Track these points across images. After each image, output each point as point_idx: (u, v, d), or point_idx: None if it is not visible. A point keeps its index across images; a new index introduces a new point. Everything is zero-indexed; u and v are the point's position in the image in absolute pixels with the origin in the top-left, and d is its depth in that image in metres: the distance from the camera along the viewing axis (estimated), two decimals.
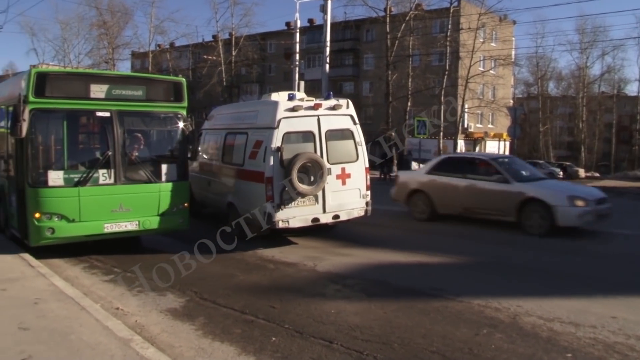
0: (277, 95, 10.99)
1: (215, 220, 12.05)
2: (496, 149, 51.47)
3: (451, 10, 39.81)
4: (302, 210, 10.22)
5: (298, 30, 35.46)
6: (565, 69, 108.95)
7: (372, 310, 6.62)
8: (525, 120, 63.59)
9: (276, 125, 10.05)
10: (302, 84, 30.35)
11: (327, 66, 32.36)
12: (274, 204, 9.94)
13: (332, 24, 33.85)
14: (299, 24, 35.61)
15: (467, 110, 43.04)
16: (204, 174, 13.07)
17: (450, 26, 39.95)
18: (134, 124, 9.84)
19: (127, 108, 9.52)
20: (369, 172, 11.22)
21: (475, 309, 6.66)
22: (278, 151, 9.98)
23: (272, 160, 9.98)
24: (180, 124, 10.08)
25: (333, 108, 10.67)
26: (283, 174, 9.89)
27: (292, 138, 10.22)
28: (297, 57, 34.62)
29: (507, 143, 49.73)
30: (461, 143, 46.76)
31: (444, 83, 39.70)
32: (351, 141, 10.82)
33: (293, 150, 10.04)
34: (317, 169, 10.02)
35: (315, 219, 10.34)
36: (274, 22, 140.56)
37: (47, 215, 8.72)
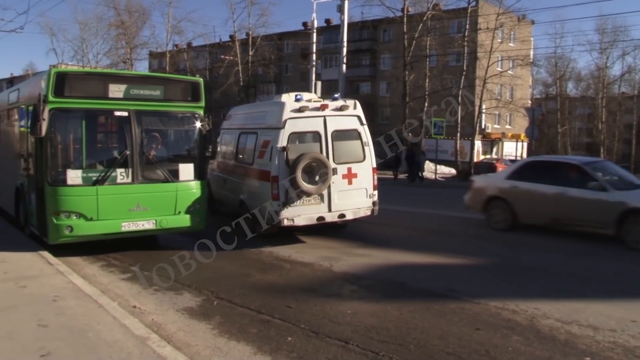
0: (287, 96, 11.10)
1: (233, 217, 12.11)
2: (514, 149, 51.07)
3: (469, 10, 39.55)
4: (308, 209, 10.38)
5: (315, 31, 35.47)
6: (585, 69, 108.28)
7: (388, 311, 6.59)
8: (543, 121, 62.78)
9: (282, 126, 10.27)
10: (318, 84, 30.42)
11: (344, 66, 32.34)
12: (279, 202, 10.16)
13: (349, 24, 33.82)
14: (316, 24, 35.62)
15: (484, 110, 42.73)
16: (221, 173, 13.33)
17: (467, 26, 39.67)
18: (152, 123, 9.91)
19: (145, 108, 9.59)
20: (377, 172, 11.25)
21: (492, 311, 6.61)
22: (284, 151, 10.19)
23: (278, 159, 10.19)
24: (198, 124, 10.13)
25: (340, 109, 10.78)
26: (289, 173, 10.06)
27: (298, 138, 10.47)
28: (314, 57, 34.63)
29: (525, 144, 49.34)
30: (478, 144, 46.46)
31: (462, 83, 39.46)
32: (358, 141, 10.91)
33: (299, 150, 10.25)
34: (321, 169, 10.17)
35: (321, 218, 10.48)
36: (291, 22, 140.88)
37: (65, 214, 8.81)
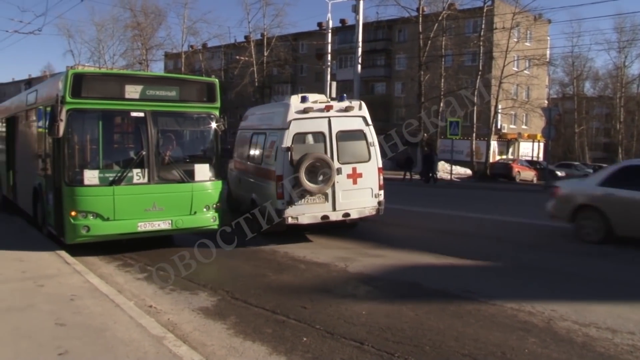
0: (295, 98, 11.24)
1: None
2: (530, 150, 50.70)
3: (485, 10, 39.34)
4: (312, 208, 10.62)
5: (330, 31, 35.50)
6: (602, 68, 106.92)
7: (403, 312, 6.56)
8: (560, 121, 62.25)
9: (287, 126, 10.57)
10: (333, 84, 30.49)
11: (359, 67, 32.38)
12: (283, 201, 10.43)
13: (364, 24, 33.82)
14: (330, 25, 35.66)
15: (500, 111, 42.46)
16: (237, 172, 13.62)
17: (483, 26, 39.46)
18: (168, 124, 9.96)
19: (161, 108, 9.65)
20: (382, 172, 11.38)
21: (509, 313, 6.55)
22: (288, 151, 10.45)
23: (282, 159, 10.49)
24: (213, 124, 10.17)
25: (345, 110, 10.99)
26: (293, 172, 10.30)
27: (302, 138, 10.78)
28: (329, 57, 34.67)
29: (542, 144, 48.96)
30: (494, 144, 46.16)
31: (477, 83, 39.25)
32: (363, 142, 11.08)
33: (303, 150, 10.53)
34: (325, 168, 10.38)
35: (325, 217, 10.69)
36: (306, 22, 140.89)
37: (82, 214, 8.88)
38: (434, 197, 22.39)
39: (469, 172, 41.05)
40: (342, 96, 11.55)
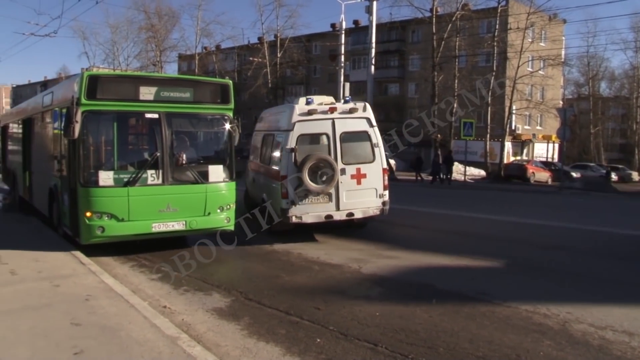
0: (302, 100, 11.47)
1: None
2: (544, 151, 50.31)
3: (499, 10, 39.17)
4: (316, 207, 10.84)
5: (343, 32, 35.52)
6: (619, 68, 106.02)
7: (417, 314, 6.54)
8: (575, 122, 61.85)
9: (291, 128, 10.85)
10: (347, 85, 30.45)
11: (373, 68, 32.33)
12: (288, 200, 10.70)
13: (377, 25, 33.80)
14: (344, 25, 35.68)
15: (515, 111, 42.20)
16: (252, 173, 13.86)
17: (497, 26, 39.29)
18: (182, 125, 10.00)
19: (175, 110, 9.70)
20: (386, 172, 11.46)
21: (523, 315, 6.51)
22: (292, 152, 10.72)
23: (287, 160, 10.77)
24: (227, 126, 10.20)
25: (349, 111, 11.17)
26: (297, 172, 10.61)
27: (306, 140, 10.97)
28: (342, 58, 34.68)
29: (557, 145, 48.58)
30: (508, 145, 45.87)
31: (491, 84, 39.05)
32: (367, 143, 11.21)
33: (307, 151, 10.75)
34: (328, 169, 10.59)
35: (329, 216, 10.89)
36: (319, 23, 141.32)
37: (97, 214, 8.94)
38: (448, 199, 22.28)
39: (482, 173, 40.85)
40: (347, 98, 11.77)
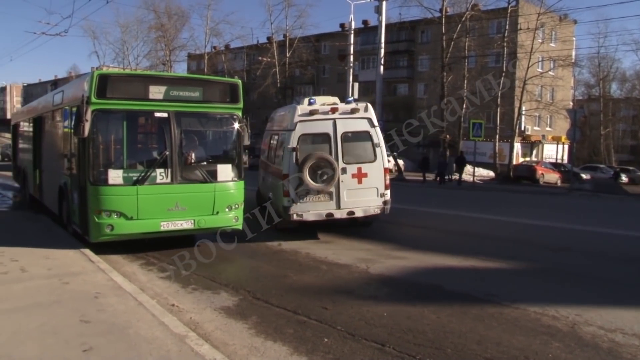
0: (306, 100, 11.73)
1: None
2: (554, 152, 50.07)
3: (509, 10, 38.96)
4: (317, 206, 11.04)
5: (352, 32, 35.50)
6: (630, 69, 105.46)
7: (425, 315, 6.53)
8: (585, 123, 61.50)
9: (293, 128, 11.09)
10: (356, 85, 30.46)
11: (382, 68, 32.29)
12: (289, 198, 10.93)
13: (386, 25, 33.76)
14: (353, 26, 35.65)
15: (524, 112, 42.00)
16: (262, 172, 14.11)
17: (507, 26, 39.09)
18: (191, 124, 10.03)
19: (185, 109, 9.72)
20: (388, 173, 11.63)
21: (532, 317, 6.48)
22: (294, 151, 10.95)
23: (289, 159, 11.02)
24: (236, 125, 10.22)
25: (350, 112, 11.34)
26: (298, 171, 10.82)
27: (307, 139, 11.18)
28: (351, 58, 34.66)
29: (566, 146, 48.34)
30: (518, 146, 45.67)
31: (501, 85, 38.88)
32: (368, 143, 11.35)
33: (308, 151, 10.97)
34: (328, 168, 10.79)
35: (330, 214, 11.06)
36: (328, 23, 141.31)
37: (106, 213, 8.98)
38: (456, 199, 22.23)
39: (491, 174, 40.71)
40: (349, 98, 11.92)
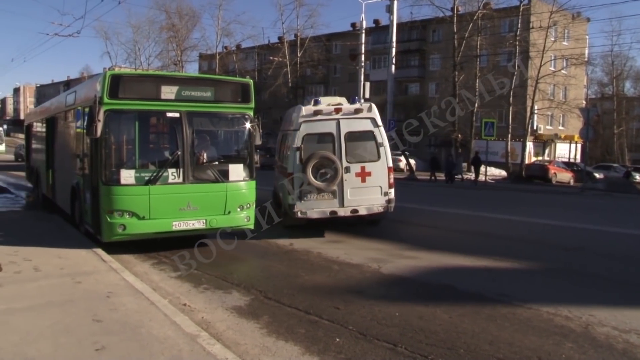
0: (313, 100, 12.00)
1: None
2: (567, 151, 49.73)
3: (521, 9, 38.79)
4: (321, 204, 11.33)
5: (364, 31, 35.43)
6: None
7: (437, 315, 6.50)
8: (598, 122, 61.14)
9: (298, 128, 11.41)
10: (367, 85, 30.43)
11: (393, 67, 32.18)
12: (293, 196, 11.28)
13: (398, 25, 33.65)
14: (364, 25, 35.59)
15: (536, 111, 41.75)
16: (276, 171, 14.38)
17: (520, 25, 38.90)
18: (203, 124, 10.05)
19: (196, 109, 9.74)
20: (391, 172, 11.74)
21: (544, 317, 6.43)
22: (298, 150, 11.29)
23: (293, 158, 11.34)
24: (247, 125, 10.23)
25: (354, 112, 11.57)
26: (302, 170, 11.17)
27: (312, 139, 11.46)
28: (363, 58, 34.58)
29: (579, 145, 47.99)
30: (530, 145, 45.41)
31: (513, 84, 38.70)
32: (372, 142, 11.56)
33: (312, 150, 11.27)
34: (331, 167, 11.10)
35: (333, 212, 11.36)
36: (340, 23, 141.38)
37: (119, 212, 9.02)
38: (467, 199, 22.14)
39: (503, 173, 40.53)
40: (354, 98, 12.22)
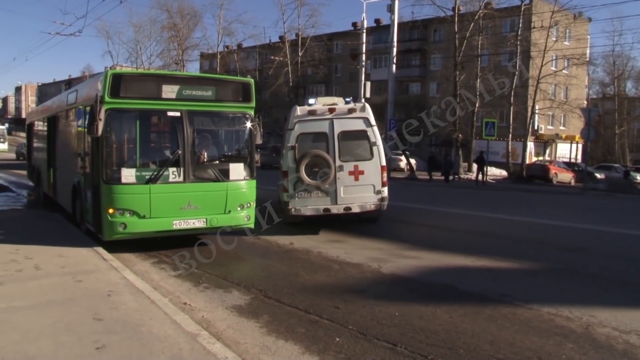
0: (312, 100, 12.21)
1: None
2: (568, 151, 49.71)
3: (522, 8, 38.75)
4: (314, 201, 11.68)
5: (365, 31, 35.43)
6: None
7: (437, 315, 6.50)
8: (599, 122, 60.99)
9: (292, 127, 11.77)
10: (368, 84, 30.43)
11: (394, 67, 32.18)
12: (288, 194, 11.65)
13: (399, 24, 33.64)
14: (365, 24, 35.59)
15: (537, 111, 41.73)
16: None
17: (521, 25, 38.87)
18: (204, 123, 10.05)
19: (197, 108, 9.75)
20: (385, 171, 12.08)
21: (545, 317, 6.43)
22: (292, 149, 11.62)
23: (287, 157, 11.72)
24: (248, 124, 10.24)
25: (347, 112, 11.89)
26: (296, 169, 11.51)
27: (306, 138, 11.80)
28: (364, 57, 34.58)
29: (580, 146, 47.96)
30: (531, 145, 45.38)
31: (514, 83, 38.68)
32: (365, 141, 11.82)
33: (306, 149, 11.62)
34: (324, 165, 11.43)
35: (326, 210, 11.68)
36: (341, 22, 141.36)
37: (119, 211, 9.03)
38: (469, 199, 22.13)
39: (504, 173, 40.52)
40: (348, 99, 12.44)
